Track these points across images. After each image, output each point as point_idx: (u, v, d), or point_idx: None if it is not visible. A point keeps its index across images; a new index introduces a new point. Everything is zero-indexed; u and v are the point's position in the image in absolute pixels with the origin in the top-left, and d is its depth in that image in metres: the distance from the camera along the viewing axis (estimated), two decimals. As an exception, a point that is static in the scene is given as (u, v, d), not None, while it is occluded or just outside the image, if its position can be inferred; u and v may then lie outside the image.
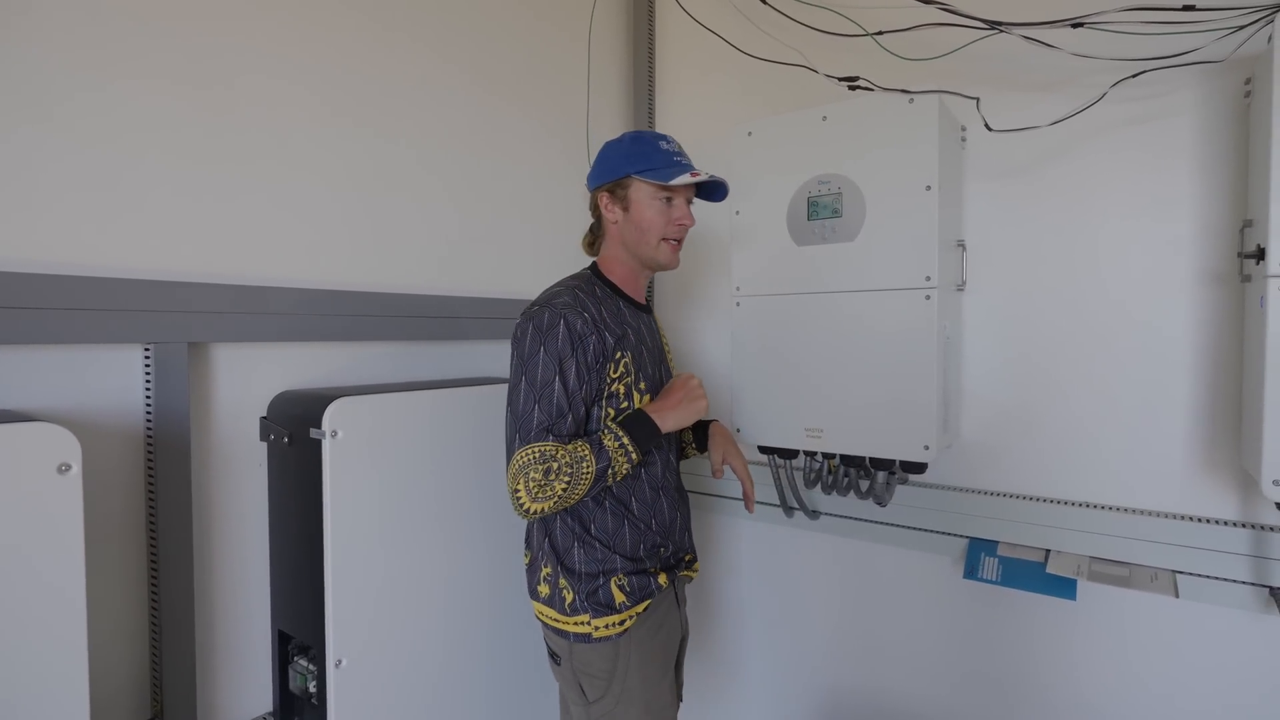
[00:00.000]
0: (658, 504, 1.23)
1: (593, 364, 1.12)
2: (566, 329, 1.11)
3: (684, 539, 1.31)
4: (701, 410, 1.21)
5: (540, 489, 1.05)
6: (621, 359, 1.17)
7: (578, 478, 1.07)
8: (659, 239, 1.21)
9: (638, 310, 1.28)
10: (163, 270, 1.13)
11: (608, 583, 1.16)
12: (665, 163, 1.18)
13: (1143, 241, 1.34)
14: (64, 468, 0.85)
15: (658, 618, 1.22)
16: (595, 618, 1.15)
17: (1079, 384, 1.41)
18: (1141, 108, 1.31)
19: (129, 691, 1.12)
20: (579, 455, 1.08)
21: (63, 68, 1.04)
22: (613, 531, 1.18)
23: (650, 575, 1.20)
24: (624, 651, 1.16)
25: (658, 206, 1.20)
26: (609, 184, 1.21)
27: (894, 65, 1.45)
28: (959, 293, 1.51)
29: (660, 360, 1.31)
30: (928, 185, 1.34)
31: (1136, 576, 1.32)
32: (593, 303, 1.17)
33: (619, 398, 1.17)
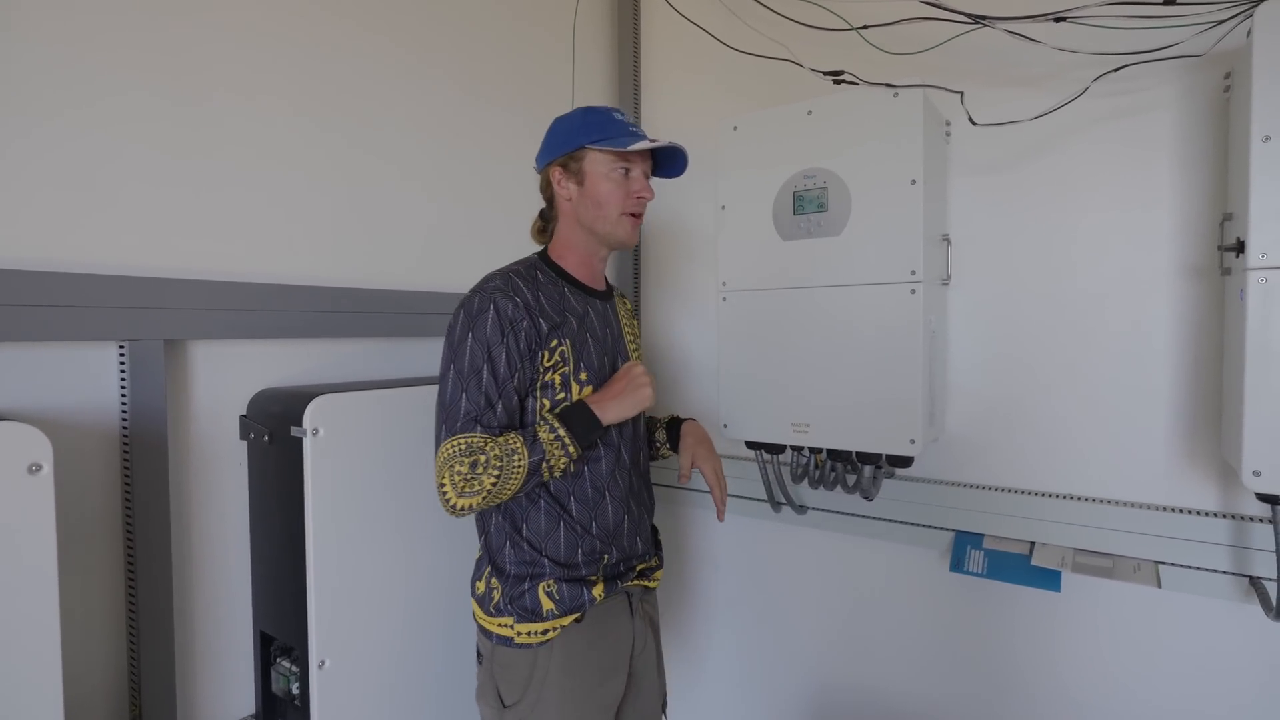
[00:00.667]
0: (600, 505, 1.14)
1: (524, 351, 1.06)
2: (496, 314, 1.05)
3: (635, 545, 1.20)
4: (645, 400, 1.12)
5: (466, 483, 0.99)
6: (557, 347, 1.10)
7: (508, 472, 1.00)
8: (619, 213, 1.14)
9: (589, 296, 1.20)
10: (137, 266, 1.11)
11: (535, 588, 1.09)
12: (621, 132, 1.12)
13: (1124, 235, 1.35)
14: (35, 468, 0.83)
15: (594, 630, 1.13)
16: (519, 622, 1.09)
17: (1062, 377, 1.42)
18: (1123, 102, 1.32)
19: (107, 695, 1.10)
20: (510, 448, 1.01)
21: (34, 57, 1.01)
22: (545, 533, 1.11)
23: (585, 585, 1.11)
24: (543, 662, 1.09)
25: (616, 178, 1.13)
26: (561, 158, 1.15)
27: (878, 59, 1.45)
28: (944, 287, 1.51)
29: (616, 349, 1.23)
30: (913, 179, 1.34)
31: (1119, 567, 1.33)
32: (529, 287, 1.11)
33: (554, 388, 1.10)
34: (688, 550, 2.01)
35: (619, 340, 1.24)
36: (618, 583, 1.17)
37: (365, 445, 1.23)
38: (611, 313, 1.25)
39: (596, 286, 1.23)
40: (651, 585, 1.27)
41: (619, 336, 1.25)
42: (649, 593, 1.28)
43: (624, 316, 1.31)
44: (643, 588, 1.24)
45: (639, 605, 1.23)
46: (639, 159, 1.15)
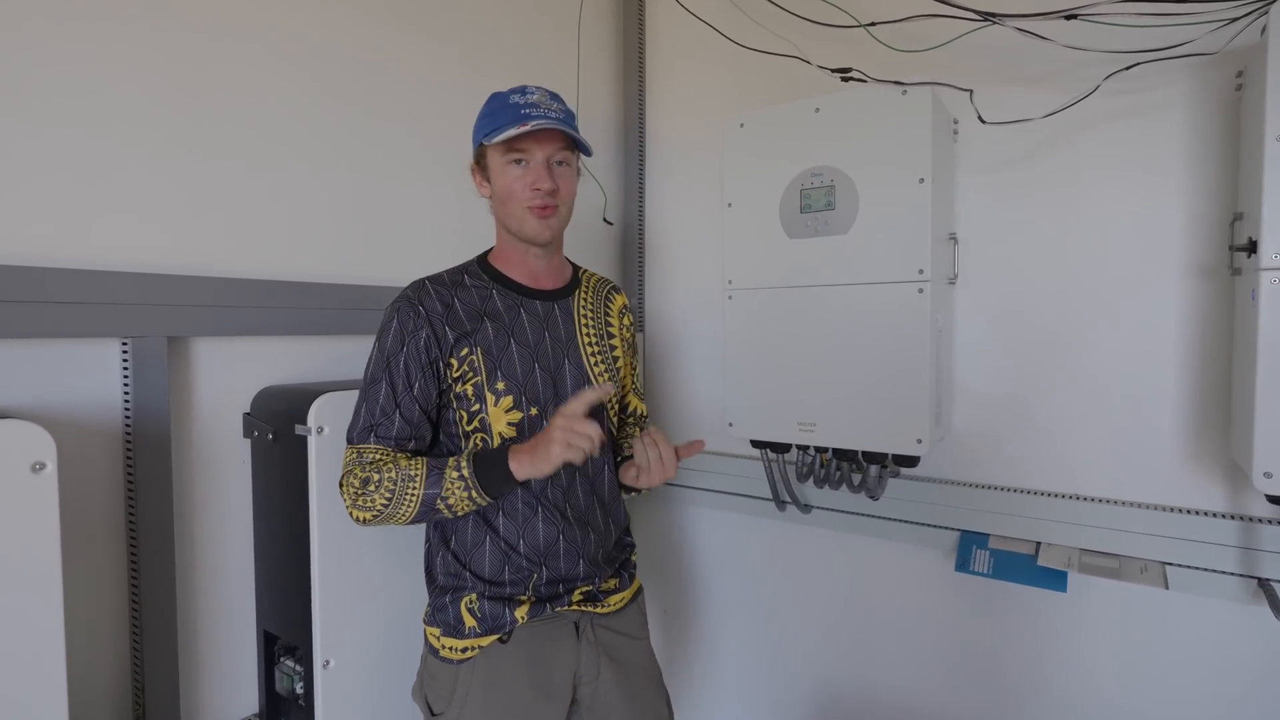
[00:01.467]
0: (531, 523, 1.07)
1: (423, 361, 1.03)
2: (399, 324, 1.04)
3: (576, 568, 1.10)
4: (550, 458, 0.93)
5: (359, 496, 0.99)
6: (467, 356, 1.04)
7: (400, 498, 0.97)
8: (522, 207, 1.06)
9: (531, 298, 1.12)
10: (140, 262, 1.10)
11: (457, 602, 1.06)
12: (511, 119, 1.02)
13: (1133, 234, 1.34)
14: (38, 466, 0.82)
15: (526, 652, 1.07)
16: (443, 635, 1.07)
17: (1069, 377, 1.41)
18: (1134, 100, 1.31)
19: (111, 694, 1.10)
20: (409, 474, 0.98)
21: (36, 54, 1.00)
22: (470, 547, 1.07)
23: (508, 605, 1.05)
24: (465, 678, 1.05)
25: (513, 172, 1.05)
26: (474, 160, 1.12)
27: (887, 57, 1.43)
28: (951, 286, 1.51)
29: (561, 353, 1.12)
30: (921, 178, 1.34)
31: (1126, 568, 1.33)
32: (446, 291, 1.07)
33: (468, 399, 1.05)
34: (692, 549, 2.00)
35: (566, 345, 1.13)
36: (549, 605, 1.08)
37: (370, 443, 1.22)
38: (560, 314, 1.15)
39: (540, 286, 1.15)
40: (602, 611, 1.15)
41: (566, 341, 1.14)
42: (608, 619, 1.16)
43: (587, 315, 1.18)
44: (591, 613, 1.13)
45: (588, 631, 1.13)
46: (537, 146, 1.04)
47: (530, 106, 1.03)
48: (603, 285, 1.27)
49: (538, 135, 1.04)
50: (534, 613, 1.07)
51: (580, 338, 1.16)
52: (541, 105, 1.04)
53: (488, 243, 1.66)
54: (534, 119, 1.01)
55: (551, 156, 1.06)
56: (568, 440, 0.93)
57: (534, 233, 1.08)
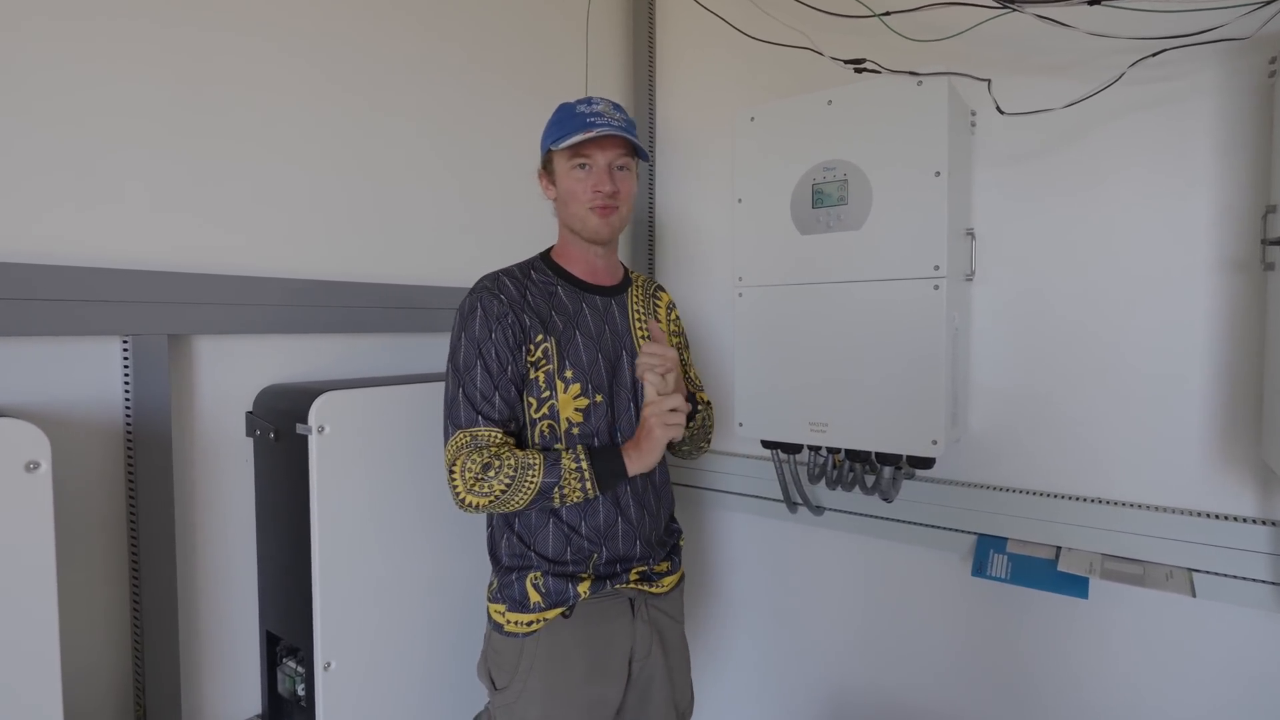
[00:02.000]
0: (592, 506, 1.14)
1: (512, 344, 1.09)
2: (483, 312, 1.10)
3: (634, 548, 1.17)
4: (657, 438, 1.08)
5: (477, 481, 1.03)
6: (541, 343, 1.11)
7: (520, 484, 1.03)
8: (584, 207, 1.14)
9: (590, 293, 1.20)
10: (140, 259, 1.09)
11: (523, 579, 1.12)
12: (578, 125, 1.11)
13: (1159, 228, 1.29)
14: (32, 465, 0.81)
15: (585, 629, 1.13)
16: (509, 610, 1.12)
17: (1091, 376, 1.37)
18: (1160, 89, 1.26)
19: (112, 695, 1.09)
20: (527, 462, 1.04)
21: (37, 51, 0.99)
22: (534, 529, 1.13)
23: (571, 581, 1.12)
24: (529, 652, 1.11)
25: (576, 175, 1.14)
26: (542, 164, 1.21)
27: (902, 47, 1.39)
28: (967, 283, 1.46)
29: (619, 346, 1.19)
30: (937, 171, 1.30)
31: (1151, 575, 1.28)
32: (516, 284, 1.14)
33: (539, 387, 1.11)
34: (704, 549, 1.97)
35: (623, 337, 1.21)
36: (608, 583, 1.15)
37: (373, 443, 1.21)
38: (618, 308, 1.23)
39: (600, 282, 1.22)
40: (656, 591, 1.22)
41: (623, 334, 1.21)
42: (659, 599, 1.23)
43: (637, 309, 1.26)
44: (646, 593, 1.20)
45: (643, 610, 1.20)
46: (600, 152, 1.13)
47: (595, 115, 1.12)
48: (649, 284, 1.34)
49: (601, 141, 1.12)
50: (595, 589, 1.13)
51: (634, 331, 1.23)
52: (605, 114, 1.12)
53: (488, 239, 1.65)
54: (598, 126, 1.09)
55: (613, 161, 1.14)
56: (664, 421, 1.08)
57: (594, 230, 1.15)
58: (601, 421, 1.14)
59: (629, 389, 1.18)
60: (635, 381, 1.18)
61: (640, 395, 1.17)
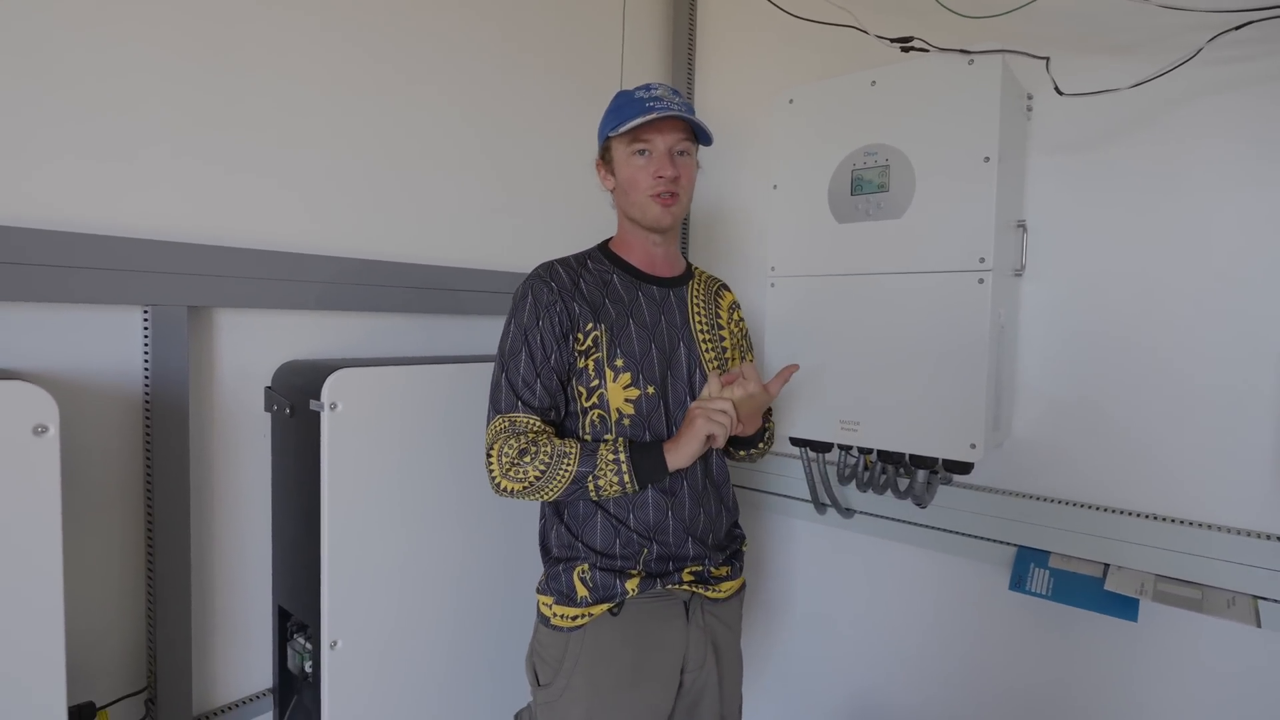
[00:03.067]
0: (641, 499, 1.09)
1: (558, 334, 1.07)
2: (533, 299, 1.08)
3: (686, 546, 1.11)
4: (699, 431, 1.01)
5: (513, 466, 1.01)
6: (591, 331, 1.08)
7: (554, 471, 1.00)
8: (645, 195, 1.10)
9: (647, 283, 1.16)
10: (163, 230, 1.09)
11: (570, 571, 1.08)
12: (636, 111, 1.07)
13: (1237, 220, 1.18)
14: (40, 429, 0.81)
15: (633, 629, 1.08)
16: (556, 603, 1.08)
17: (1152, 381, 1.26)
18: (1243, 68, 1.15)
19: (124, 663, 1.10)
20: (563, 451, 1.01)
21: (63, 21, 0.99)
22: (583, 519, 1.10)
23: (620, 576, 1.07)
24: (574, 649, 1.07)
25: (636, 162, 1.09)
26: (599, 154, 1.17)
27: (952, 24, 1.31)
28: (1017, 278, 1.37)
29: (675, 339, 1.15)
30: (986, 157, 1.21)
31: (1210, 600, 1.18)
32: (571, 272, 1.11)
33: (589, 375, 1.07)
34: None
35: (680, 329, 1.16)
36: (659, 581, 1.09)
37: (387, 422, 1.19)
38: (675, 300, 1.18)
39: (659, 274, 1.18)
40: (712, 595, 1.15)
41: (680, 326, 1.16)
42: (715, 605, 1.16)
43: (698, 304, 1.21)
44: (702, 596, 1.14)
45: (698, 615, 1.13)
46: (660, 137, 1.08)
47: (654, 100, 1.07)
48: (713, 282, 1.29)
49: (660, 125, 1.08)
50: (644, 586, 1.08)
51: (693, 324, 1.19)
52: (665, 99, 1.08)
53: (514, 222, 1.62)
54: (658, 109, 1.05)
55: (673, 146, 1.10)
56: (709, 416, 1.02)
57: (655, 219, 1.11)
58: (654, 413, 1.09)
59: (685, 382, 1.14)
60: (691, 376, 1.15)
61: (697, 389, 1.14)
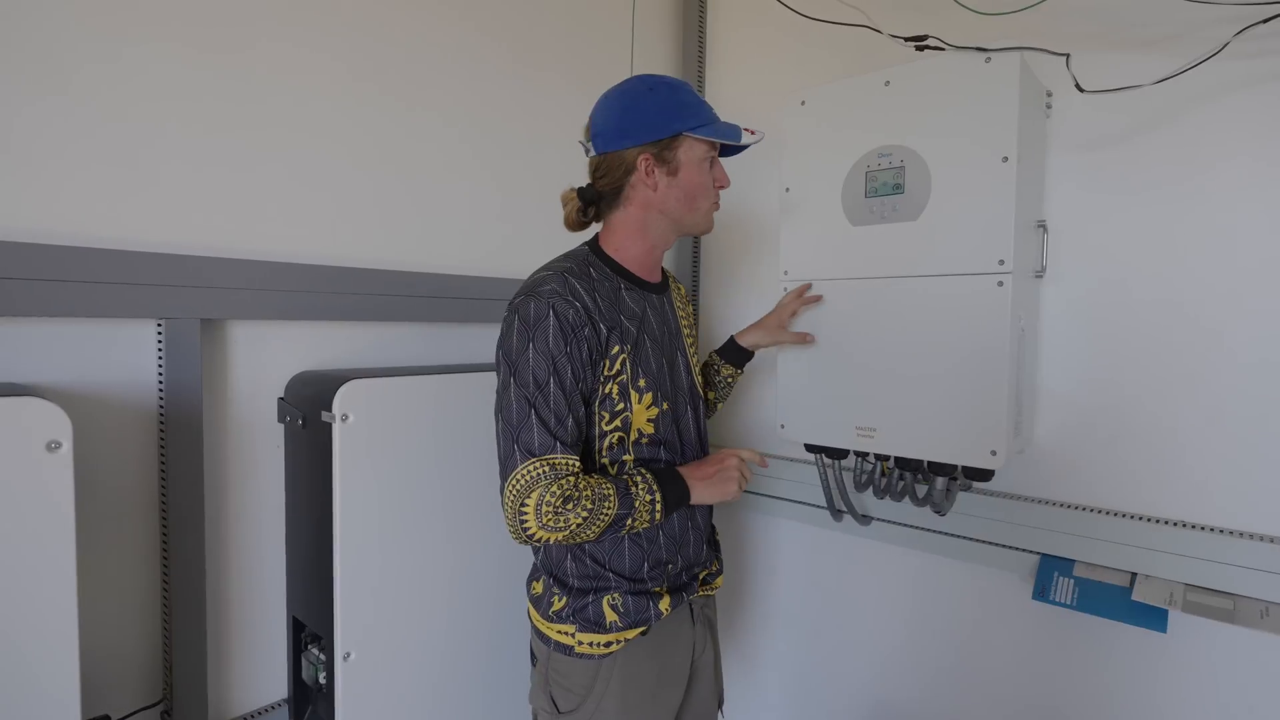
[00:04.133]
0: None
1: (587, 360, 0.97)
2: (557, 320, 0.95)
3: (700, 551, 1.15)
4: (729, 494, 1.06)
5: (555, 515, 0.91)
6: (618, 355, 1.01)
7: (597, 515, 0.93)
8: (709, 203, 1.10)
9: (645, 291, 1.11)
10: (176, 243, 1.10)
11: (599, 600, 1.03)
12: (712, 117, 1.07)
13: (1267, 219, 1.14)
14: (54, 445, 0.82)
15: (656, 641, 1.08)
16: (580, 631, 1.03)
17: (1179, 386, 1.23)
18: (1271, 62, 1.11)
19: (140, 675, 1.11)
20: (603, 492, 0.94)
21: (77, 36, 1.00)
22: (609, 548, 1.04)
23: (651, 598, 1.05)
24: (605, 673, 1.04)
25: (709, 171, 1.09)
26: (654, 144, 1.02)
27: (969, 22, 1.28)
28: (1037, 280, 1.34)
29: (675, 347, 1.14)
30: (1005, 156, 1.18)
31: (1243, 611, 1.14)
32: (585, 287, 1.00)
33: (613, 400, 1.01)
34: (746, 555, 1.90)
35: (677, 336, 1.16)
36: (683, 594, 1.11)
37: (399, 433, 1.19)
38: (668, 306, 1.16)
39: (653, 279, 1.14)
40: (706, 593, 1.20)
41: (676, 333, 1.16)
42: (708, 599, 1.23)
43: (679, 305, 1.21)
44: (704, 596, 1.20)
45: (699, 612, 1.19)
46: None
47: (715, 116, 1.08)
48: (670, 276, 1.26)
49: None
50: (674, 604, 1.08)
51: (681, 329, 1.19)
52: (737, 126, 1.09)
53: (525, 229, 1.61)
54: (734, 124, 1.07)
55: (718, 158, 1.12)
56: (739, 481, 1.06)
57: (709, 226, 1.13)
58: (670, 430, 1.08)
59: (686, 392, 1.14)
60: (690, 383, 1.15)
61: (694, 397, 1.16)
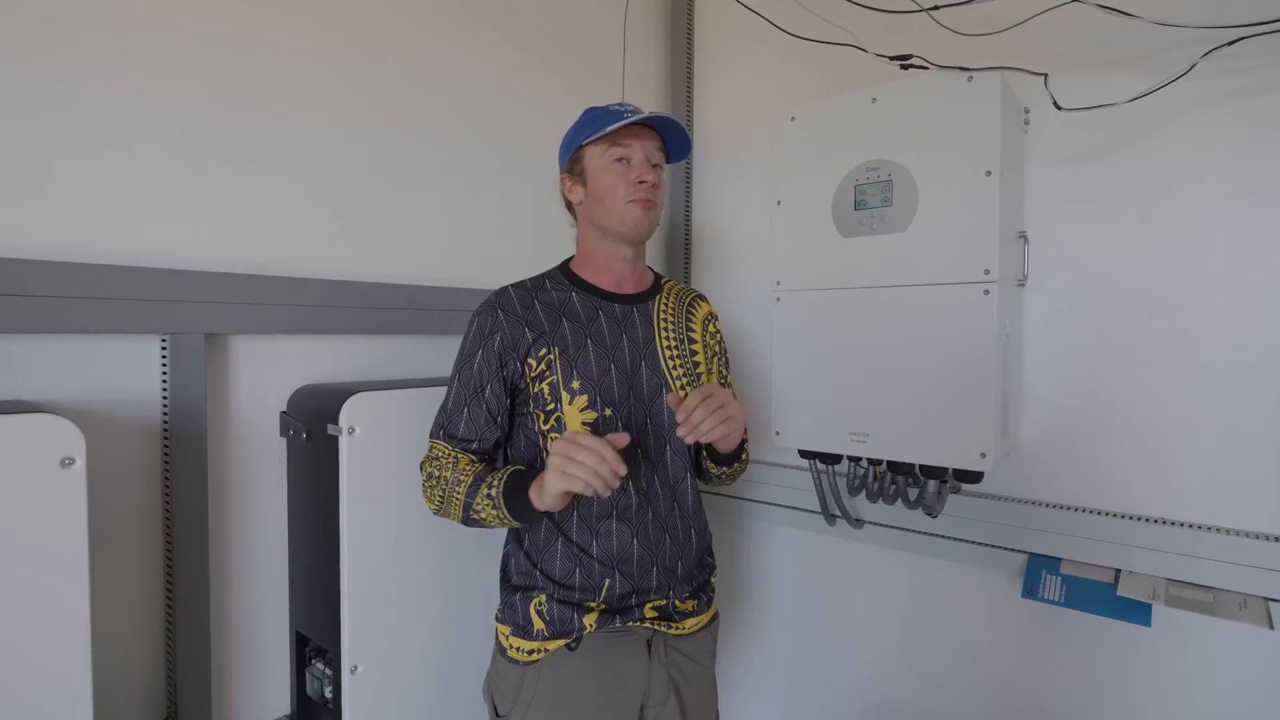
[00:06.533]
0: (605, 526, 1.06)
1: (496, 363, 1.06)
2: (477, 328, 1.08)
3: (650, 576, 1.07)
4: (547, 487, 0.91)
5: (426, 488, 1.07)
6: (545, 355, 1.06)
7: (449, 501, 1.03)
8: (624, 201, 1.07)
9: (608, 300, 1.13)
10: (180, 259, 1.10)
11: (527, 602, 1.06)
12: (614, 120, 1.06)
13: (1233, 230, 1.20)
14: (67, 461, 0.82)
15: (593, 665, 1.04)
16: (513, 634, 1.06)
17: (1156, 387, 1.28)
18: (1236, 81, 1.18)
19: (145, 690, 1.10)
20: (459, 478, 1.02)
21: (79, 55, 1.01)
22: (543, 547, 1.07)
23: (579, 610, 1.03)
24: (530, 682, 1.03)
25: (616, 170, 1.07)
26: (567, 164, 1.15)
27: (951, 42, 1.34)
28: (1020, 288, 1.39)
29: (638, 356, 1.11)
30: (988, 170, 1.23)
31: (1222, 603, 1.19)
32: (527, 294, 1.10)
33: (544, 399, 1.06)
34: (737, 560, 1.92)
35: (643, 347, 1.12)
36: (619, 618, 1.05)
37: (404, 446, 1.19)
38: (640, 317, 1.14)
39: (624, 290, 1.15)
40: (676, 633, 1.11)
41: (644, 344, 1.12)
42: (681, 641, 1.12)
43: (667, 319, 1.17)
44: (664, 633, 1.10)
45: (660, 651, 1.10)
46: (639, 144, 1.08)
47: (630, 112, 1.07)
48: (686, 294, 1.26)
49: (639, 133, 1.08)
50: (603, 622, 1.04)
51: (659, 340, 1.15)
52: (643, 112, 1.08)
53: (522, 241, 1.64)
54: (638, 116, 1.05)
55: (649, 156, 1.10)
56: (562, 468, 0.89)
57: (634, 225, 1.08)
58: None
59: (646, 404, 1.10)
60: (655, 396, 1.11)
61: (662, 411, 1.10)
